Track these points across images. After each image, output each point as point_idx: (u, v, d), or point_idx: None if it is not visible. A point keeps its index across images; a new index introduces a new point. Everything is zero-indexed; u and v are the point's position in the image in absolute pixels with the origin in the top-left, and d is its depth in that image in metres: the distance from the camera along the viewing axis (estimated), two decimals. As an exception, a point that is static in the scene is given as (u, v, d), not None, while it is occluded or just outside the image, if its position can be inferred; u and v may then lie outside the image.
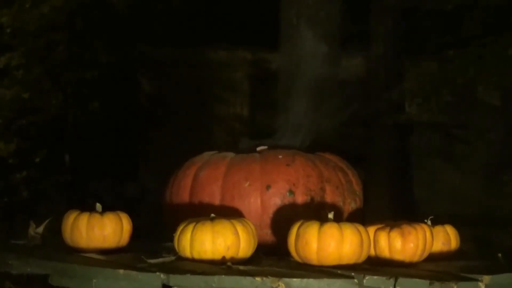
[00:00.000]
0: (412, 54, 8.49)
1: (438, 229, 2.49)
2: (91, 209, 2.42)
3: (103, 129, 8.70)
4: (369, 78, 8.52)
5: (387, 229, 2.32)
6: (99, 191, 8.15)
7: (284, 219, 2.43)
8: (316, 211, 2.44)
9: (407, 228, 2.30)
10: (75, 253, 2.36)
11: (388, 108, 8.21)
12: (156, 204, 2.91)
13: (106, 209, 2.44)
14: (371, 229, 2.33)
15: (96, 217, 2.39)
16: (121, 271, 2.10)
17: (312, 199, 2.51)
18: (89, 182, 8.43)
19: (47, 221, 2.62)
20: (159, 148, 9.19)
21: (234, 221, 2.25)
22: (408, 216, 2.58)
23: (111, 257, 2.32)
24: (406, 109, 8.65)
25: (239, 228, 2.23)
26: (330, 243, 2.19)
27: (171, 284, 2.06)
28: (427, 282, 2.09)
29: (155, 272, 2.08)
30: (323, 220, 2.24)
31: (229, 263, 2.16)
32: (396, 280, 2.08)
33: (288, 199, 2.50)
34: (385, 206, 7.95)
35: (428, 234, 2.33)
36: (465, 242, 2.60)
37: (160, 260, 2.22)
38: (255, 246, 2.28)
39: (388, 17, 8.28)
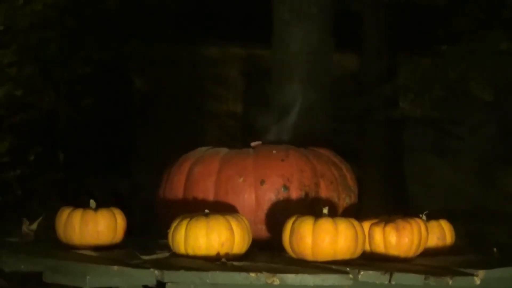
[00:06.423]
0: (405, 49, 8.50)
1: (433, 224, 2.49)
2: (84, 206, 2.41)
3: (96, 126, 8.68)
4: (362, 73, 8.52)
5: (382, 224, 2.31)
6: (93, 188, 8.13)
7: (279, 214, 2.42)
8: (311, 207, 2.43)
9: (402, 223, 2.30)
10: (69, 250, 2.35)
11: (381, 104, 8.22)
12: (149, 201, 2.91)
13: (100, 205, 2.43)
14: (366, 224, 2.33)
15: (90, 213, 2.38)
16: (115, 267, 2.09)
17: (306, 194, 2.50)
18: (83, 179, 8.41)
19: (40, 218, 2.61)
20: (152, 144, 9.18)
21: (229, 217, 2.24)
22: (401, 211, 2.58)
23: (105, 253, 2.30)
24: (399, 104, 8.66)
25: (234, 224, 2.22)
26: (324, 238, 2.18)
27: (165, 280, 2.05)
28: (422, 277, 2.09)
29: (149, 268, 2.08)
30: (317, 215, 2.24)
31: (223, 259, 2.15)
32: (391, 275, 2.08)
33: (282, 195, 2.48)
34: (378, 201, 7.96)
35: (423, 229, 2.33)
36: (458, 236, 2.60)
37: (154, 256, 2.21)
38: (250, 241, 2.27)
39: (381, 12, 8.28)
